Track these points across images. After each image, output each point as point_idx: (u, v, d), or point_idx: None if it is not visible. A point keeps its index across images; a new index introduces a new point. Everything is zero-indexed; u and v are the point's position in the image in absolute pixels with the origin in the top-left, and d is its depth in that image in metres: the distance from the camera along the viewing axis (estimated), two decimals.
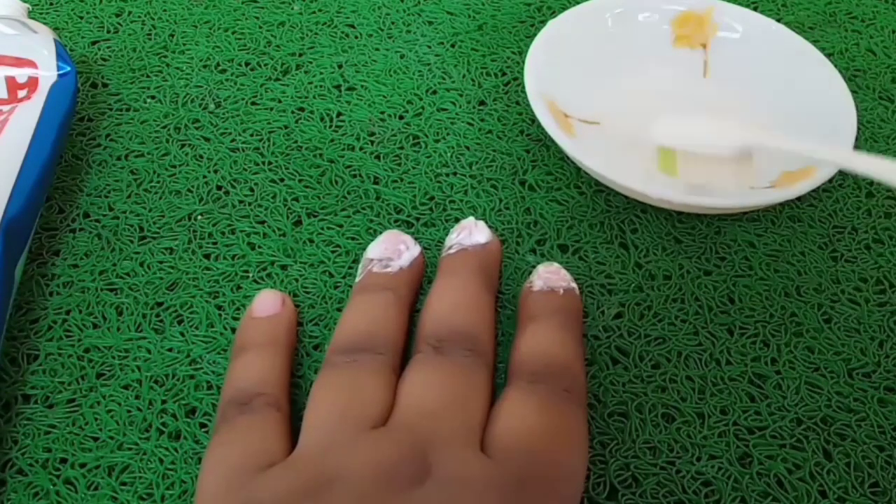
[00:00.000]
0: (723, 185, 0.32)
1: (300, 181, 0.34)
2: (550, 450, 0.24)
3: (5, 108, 0.31)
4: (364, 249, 0.32)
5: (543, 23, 0.38)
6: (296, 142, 0.36)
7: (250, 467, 0.24)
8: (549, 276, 0.30)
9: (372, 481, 0.22)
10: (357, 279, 0.30)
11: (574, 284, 0.30)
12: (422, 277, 0.31)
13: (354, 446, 0.23)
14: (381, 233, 0.33)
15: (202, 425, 0.27)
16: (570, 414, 0.25)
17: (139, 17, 0.41)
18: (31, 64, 0.32)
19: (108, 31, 0.41)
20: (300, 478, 0.23)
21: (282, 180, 0.34)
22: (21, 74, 0.32)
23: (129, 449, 0.27)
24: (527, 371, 0.26)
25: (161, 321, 0.30)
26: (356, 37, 0.41)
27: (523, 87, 0.35)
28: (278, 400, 0.26)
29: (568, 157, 0.35)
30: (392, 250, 0.30)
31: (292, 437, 0.26)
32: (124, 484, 0.26)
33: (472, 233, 0.31)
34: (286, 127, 0.37)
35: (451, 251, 0.30)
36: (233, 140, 0.36)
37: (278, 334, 0.28)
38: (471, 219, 0.32)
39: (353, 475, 0.22)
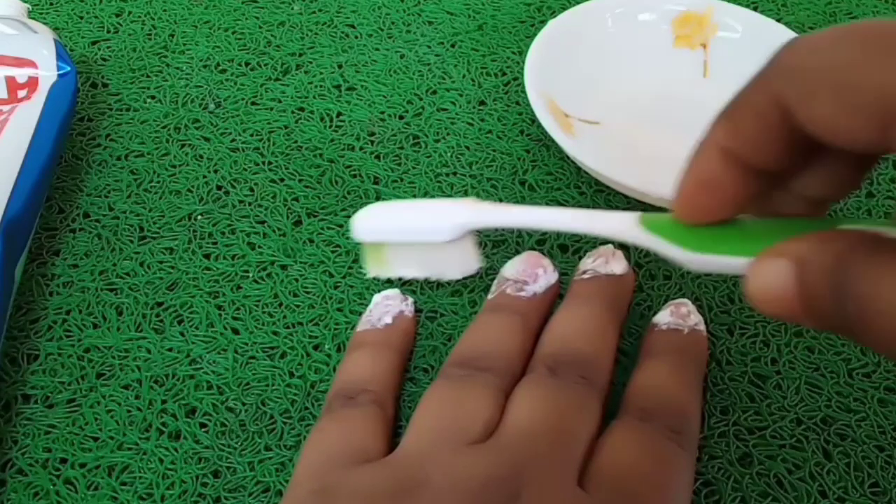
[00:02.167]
0: (445, 273, 0.29)
1: (300, 181, 0.34)
2: (649, 492, 0.23)
3: (5, 108, 0.31)
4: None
5: (543, 23, 0.38)
6: (296, 142, 0.36)
7: (345, 458, 0.24)
8: (678, 314, 0.29)
9: (458, 496, 0.22)
10: (490, 295, 0.30)
11: (702, 326, 0.29)
12: (553, 304, 0.30)
13: (449, 458, 0.23)
14: None
15: (202, 425, 0.27)
16: (674, 457, 0.25)
17: (139, 17, 0.41)
18: (31, 64, 0.32)
19: (108, 31, 0.41)
20: (389, 478, 0.23)
21: (282, 180, 0.34)
22: (21, 74, 0.32)
23: (129, 449, 0.27)
24: (637, 407, 0.26)
25: (161, 321, 0.30)
26: (356, 37, 0.41)
27: (523, 87, 0.35)
28: (384, 399, 0.27)
29: (568, 157, 0.35)
30: (529, 273, 0.29)
31: (391, 439, 0.26)
32: (124, 484, 0.26)
33: (608, 261, 0.30)
34: (286, 127, 0.37)
35: (585, 276, 0.30)
36: (233, 140, 0.36)
37: (395, 337, 0.29)
38: (609, 246, 0.31)
39: (440, 486, 0.22)
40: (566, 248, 0.32)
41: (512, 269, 0.30)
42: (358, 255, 0.32)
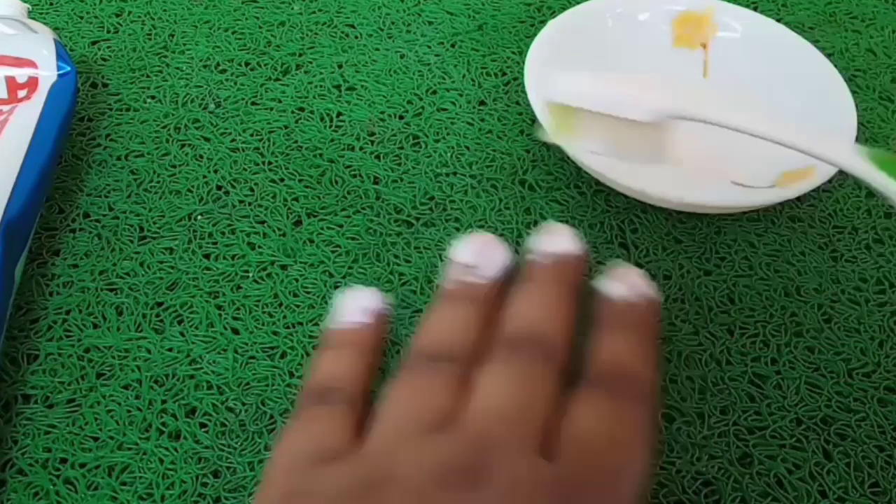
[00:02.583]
0: (630, 156, 0.26)
1: (300, 181, 0.34)
2: (612, 454, 0.24)
3: (5, 108, 0.31)
4: (364, 249, 0.32)
5: (543, 23, 0.38)
6: (296, 142, 0.36)
7: (316, 457, 0.24)
8: (628, 284, 0.29)
9: (428, 480, 0.22)
10: (444, 281, 0.29)
11: (651, 290, 0.29)
12: (508, 284, 0.30)
13: (414, 447, 0.24)
14: (380, 232, 0.33)
15: (202, 425, 0.27)
16: (635, 419, 0.25)
17: (139, 17, 0.41)
18: (31, 64, 0.32)
19: (108, 31, 0.41)
20: (357, 475, 0.23)
21: (282, 180, 0.34)
22: (21, 74, 0.32)
23: (129, 449, 0.27)
24: (597, 375, 0.26)
25: (161, 321, 0.30)
26: (356, 37, 0.41)
27: (523, 87, 0.35)
28: (355, 398, 0.27)
29: (568, 157, 0.35)
30: (481, 256, 0.30)
31: (362, 437, 0.26)
32: (124, 484, 0.26)
33: (557, 239, 0.30)
34: (286, 127, 0.37)
35: (538, 258, 0.30)
36: (233, 140, 0.36)
37: (365, 335, 0.29)
38: (558, 224, 0.31)
39: (410, 474, 0.23)
40: None
41: (463, 253, 0.30)
42: (357, 255, 0.32)
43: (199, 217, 0.33)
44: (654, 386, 0.27)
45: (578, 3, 0.39)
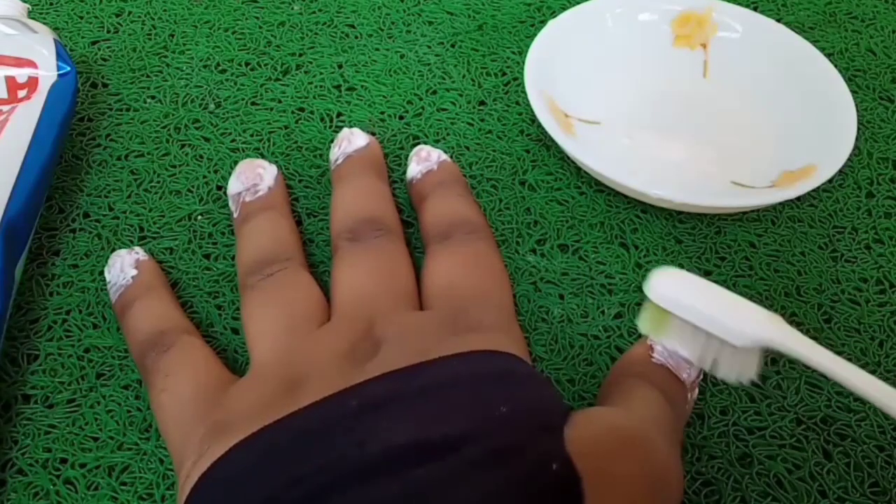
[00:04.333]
0: (716, 370, 0.25)
1: (300, 181, 0.34)
2: (471, 282, 0.28)
3: (5, 108, 0.31)
4: None
5: (543, 23, 0.38)
6: (296, 142, 0.36)
7: (207, 392, 0.25)
8: (421, 160, 0.33)
9: (336, 366, 0.24)
10: (235, 214, 0.32)
11: (445, 156, 0.33)
12: (288, 191, 0.33)
13: (312, 345, 0.25)
14: None
15: None
16: (480, 250, 0.30)
17: (139, 17, 0.41)
18: (31, 64, 0.32)
19: (108, 31, 0.41)
20: (270, 386, 0.24)
21: None
22: (21, 74, 0.32)
23: (129, 449, 0.27)
24: (434, 234, 0.30)
25: None
26: (356, 37, 0.41)
27: (523, 87, 0.35)
28: (185, 328, 0.28)
29: (568, 157, 0.35)
30: (252, 177, 0.32)
31: (225, 360, 0.28)
32: (124, 484, 0.26)
33: (350, 141, 0.33)
34: (286, 127, 0.37)
35: (339, 162, 0.33)
36: (233, 140, 0.36)
37: (148, 281, 0.30)
38: (345, 129, 0.34)
39: (319, 367, 0.24)
40: (566, 248, 0.32)
41: (237, 183, 0.32)
42: None
43: (199, 217, 0.33)
44: (483, 219, 0.32)
45: (578, 3, 0.39)
